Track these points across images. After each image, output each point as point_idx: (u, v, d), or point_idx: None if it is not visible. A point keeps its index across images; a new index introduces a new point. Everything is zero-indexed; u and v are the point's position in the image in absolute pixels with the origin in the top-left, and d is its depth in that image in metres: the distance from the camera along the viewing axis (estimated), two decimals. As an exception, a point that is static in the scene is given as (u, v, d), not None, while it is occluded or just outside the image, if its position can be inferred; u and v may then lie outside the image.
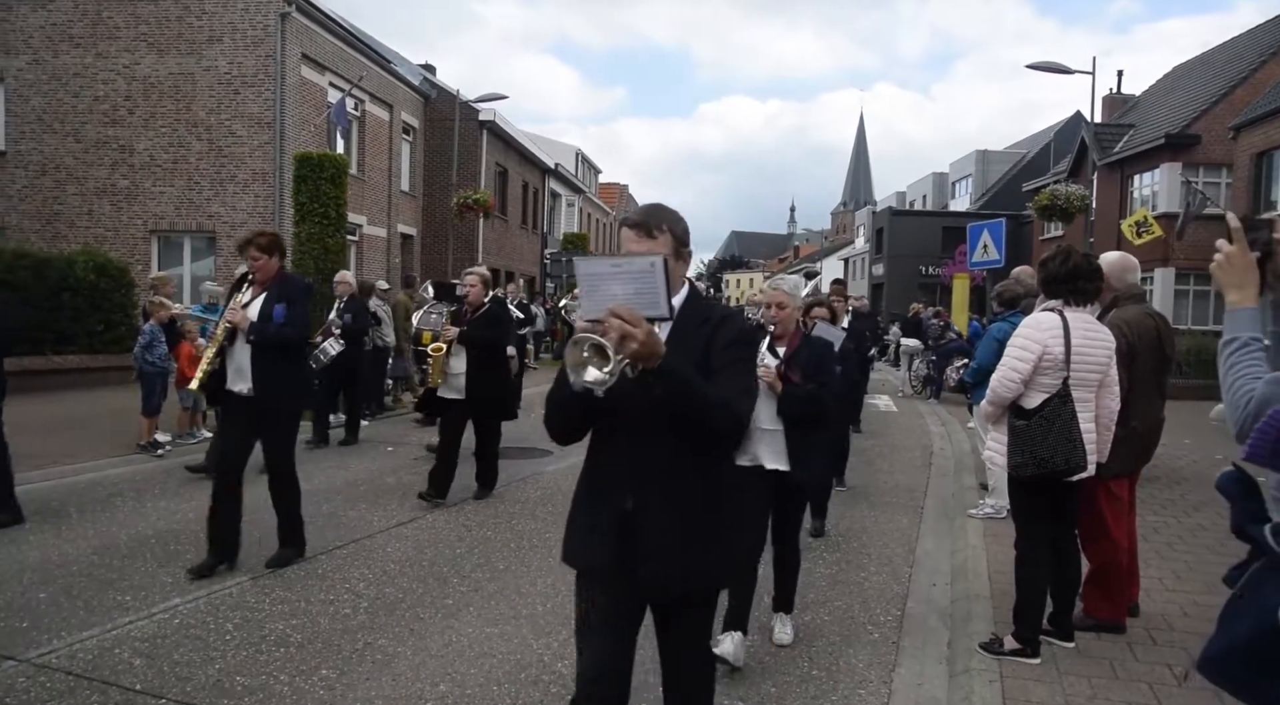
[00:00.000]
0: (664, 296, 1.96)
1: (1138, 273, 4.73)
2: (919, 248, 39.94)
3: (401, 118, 24.16)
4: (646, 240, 2.22)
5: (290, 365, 5.21)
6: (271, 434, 5.24)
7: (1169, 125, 25.05)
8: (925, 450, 10.64)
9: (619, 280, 1.98)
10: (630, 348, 1.89)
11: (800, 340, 4.22)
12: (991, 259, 13.98)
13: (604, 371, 1.89)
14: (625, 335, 1.88)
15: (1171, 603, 4.75)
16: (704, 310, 2.29)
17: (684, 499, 2.21)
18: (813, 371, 4.08)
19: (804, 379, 4.03)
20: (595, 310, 1.96)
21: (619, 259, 2.00)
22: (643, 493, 2.20)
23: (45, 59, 18.35)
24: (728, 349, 2.20)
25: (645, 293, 1.96)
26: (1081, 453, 3.77)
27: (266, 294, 5.16)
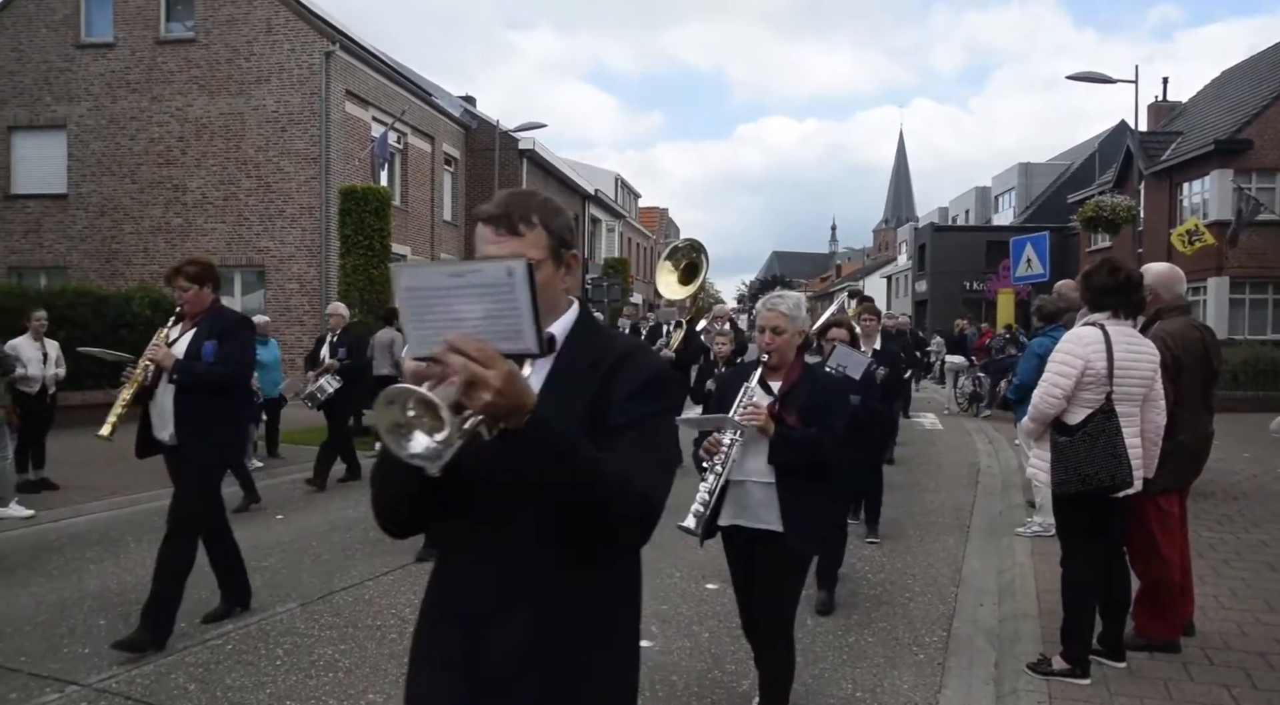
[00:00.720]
0: (530, 321, 1.32)
1: (1184, 284, 4.66)
2: (963, 263, 39.44)
3: (443, 149, 24.65)
4: (508, 239, 1.59)
5: (218, 410, 4.52)
6: (184, 486, 4.56)
7: (1218, 131, 24.52)
8: (972, 468, 10.48)
9: (464, 298, 1.33)
10: (481, 399, 1.27)
11: (800, 374, 3.43)
12: (1036, 273, 13.79)
13: (437, 438, 1.27)
14: (473, 380, 1.27)
15: (1228, 621, 4.62)
16: (598, 344, 1.64)
17: (565, 624, 1.56)
18: (814, 412, 3.30)
19: (803, 421, 3.28)
20: (428, 343, 1.34)
21: (461, 266, 1.33)
22: (507, 617, 1.54)
23: (105, 105, 19.12)
24: (631, 401, 1.54)
25: (503, 316, 1.33)
26: (1127, 468, 3.71)
27: (196, 329, 4.57)
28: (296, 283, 18.69)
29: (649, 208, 54.63)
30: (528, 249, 1.57)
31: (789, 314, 3.37)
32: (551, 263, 1.63)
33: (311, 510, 7.88)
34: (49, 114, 19.36)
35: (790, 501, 3.25)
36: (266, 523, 7.35)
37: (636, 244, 46.44)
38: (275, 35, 18.61)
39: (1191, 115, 29.38)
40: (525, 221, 1.60)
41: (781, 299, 3.45)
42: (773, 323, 3.37)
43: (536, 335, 1.33)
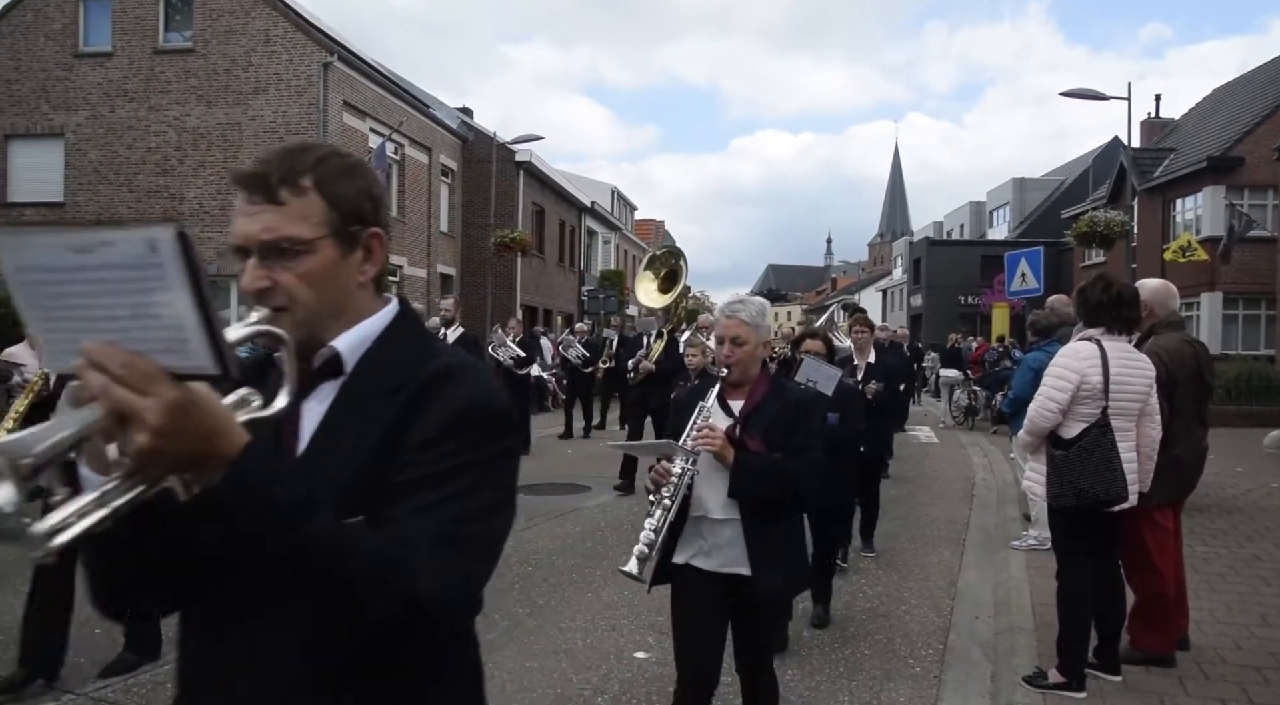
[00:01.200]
0: (196, 324, 0.89)
1: (1178, 299, 4.70)
2: (957, 277, 39.61)
3: (440, 160, 24.71)
4: (263, 209, 1.14)
5: None
6: None
7: (1211, 148, 24.70)
8: (967, 481, 10.50)
9: (102, 286, 0.89)
10: (134, 442, 0.87)
11: (767, 391, 2.93)
12: (1030, 288, 13.86)
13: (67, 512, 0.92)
14: (121, 412, 0.87)
15: (1223, 635, 4.64)
16: (407, 362, 1.18)
17: None
18: (783, 436, 2.83)
19: (770, 446, 2.81)
20: (65, 351, 0.91)
21: (84, 235, 0.87)
22: None
23: (102, 114, 19.15)
24: (426, 449, 1.10)
25: (157, 315, 0.89)
26: (1122, 482, 3.73)
27: None
28: (292, 293, 18.68)
29: (645, 220, 54.76)
30: (289, 223, 1.13)
31: (751, 322, 2.89)
32: (334, 243, 1.16)
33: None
34: (46, 122, 19.37)
35: (759, 542, 2.76)
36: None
37: (633, 256, 46.52)
38: (273, 46, 18.67)
39: (1184, 132, 29.60)
40: (290, 185, 1.14)
41: (742, 305, 2.94)
42: (733, 332, 2.89)
43: (210, 347, 0.89)
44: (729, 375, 2.92)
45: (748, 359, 2.92)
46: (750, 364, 2.93)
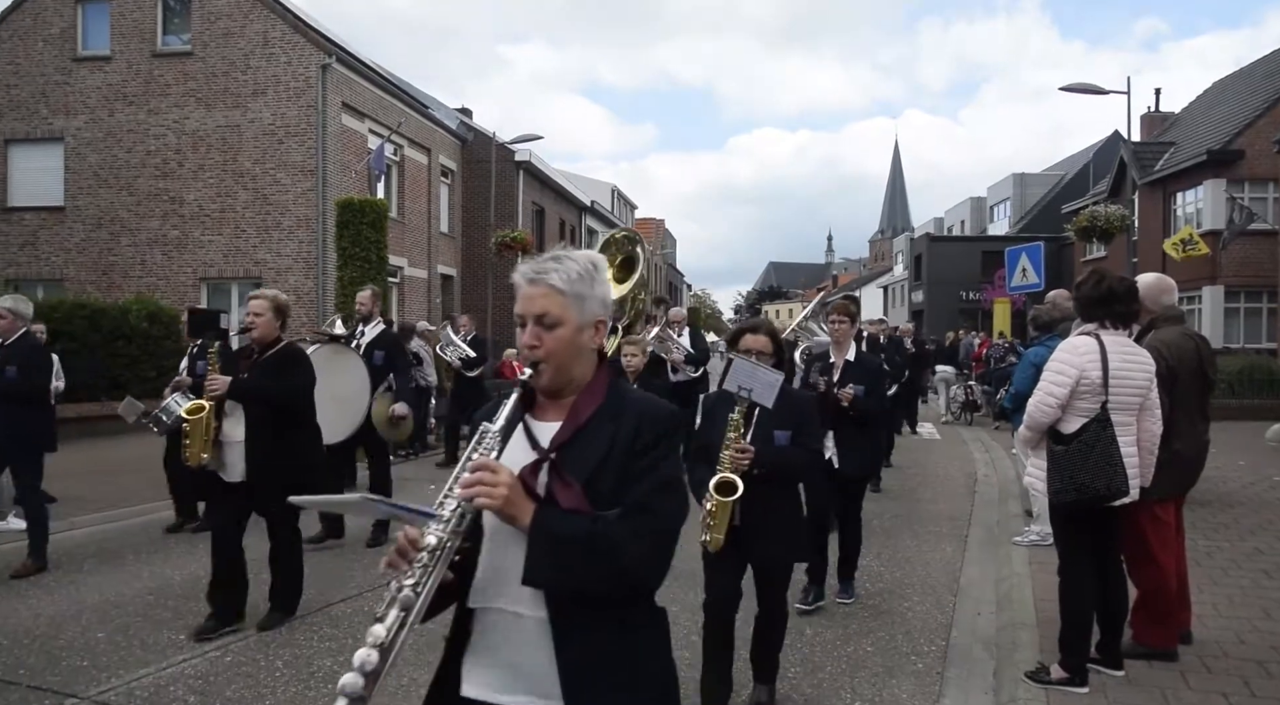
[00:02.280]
0: None
1: (1174, 294, 4.69)
2: (958, 273, 39.58)
3: (439, 161, 24.71)
4: None
5: None
6: None
7: (1211, 141, 24.67)
8: (969, 477, 10.50)
9: None
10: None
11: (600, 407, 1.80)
12: (1031, 283, 13.82)
13: None
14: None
15: (1226, 629, 4.64)
16: None
17: None
18: (616, 480, 1.71)
19: (595, 498, 1.69)
20: None
21: None
22: None
23: (101, 118, 19.16)
24: None
25: None
26: (1123, 477, 3.73)
27: None
28: (293, 295, 18.65)
29: (645, 219, 54.74)
30: None
31: (569, 290, 1.76)
32: None
33: (311, 520, 7.85)
34: (46, 126, 19.39)
35: (574, 657, 1.66)
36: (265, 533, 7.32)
37: (633, 255, 46.51)
38: (272, 48, 18.67)
39: (1184, 125, 29.57)
40: None
41: (556, 264, 1.78)
42: (538, 307, 1.76)
43: None
44: (535, 379, 1.76)
45: (565, 352, 1.75)
46: (570, 361, 1.77)
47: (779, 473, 3.76)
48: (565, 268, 1.79)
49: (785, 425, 3.81)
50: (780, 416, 3.77)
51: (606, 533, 1.64)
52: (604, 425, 1.77)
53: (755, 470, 3.60)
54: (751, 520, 3.64)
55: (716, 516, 3.56)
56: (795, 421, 3.84)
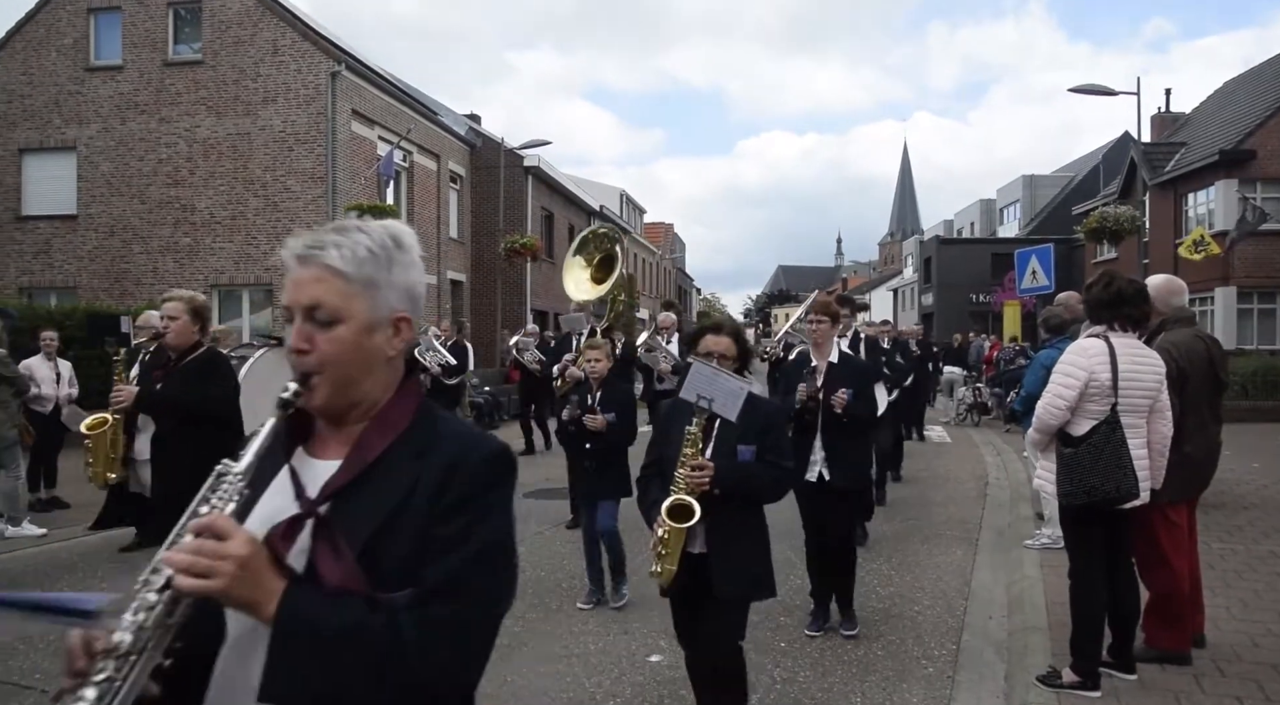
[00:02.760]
0: None
1: (1185, 295, 4.67)
2: (968, 276, 39.45)
3: (449, 167, 24.79)
4: None
5: None
6: None
7: (1222, 141, 24.55)
8: (980, 480, 10.46)
9: None
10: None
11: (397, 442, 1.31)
12: (1041, 285, 13.76)
13: None
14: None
15: (1240, 632, 4.61)
16: None
17: None
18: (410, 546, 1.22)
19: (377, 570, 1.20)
20: None
21: None
22: None
23: (114, 126, 19.30)
24: None
25: None
26: (1133, 479, 3.71)
27: None
28: (304, 301, 18.76)
29: (654, 223, 54.76)
30: None
31: (356, 273, 1.33)
32: None
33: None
34: (59, 136, 19.55)
35: None
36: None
37: (643, 259, 46.56)
38: (281, 56, 18.79)
39: (1195, 126, 29.42)
40: None
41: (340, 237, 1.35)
42: (308, 296, 1.35)
43: None
44: (305, 396, 1.30)
45: (347, 360, 1.30)
46: (356, 372, 1.32)
47: (742, 493, 3.25)
48: (351, 242, 1.32)
49: (749, 439, 3.28)
50: (745, 429, 3.25)
51: (389, 626, 1.14)
52: (401, 466, 1.26)
53: (715, 490, 3.14)
54: (712, 547, 3.22)
55: (669, 544, 3.09)
56: (760, 434, 3.30)
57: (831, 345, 5.01)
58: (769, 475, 3.31)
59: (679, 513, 3.07)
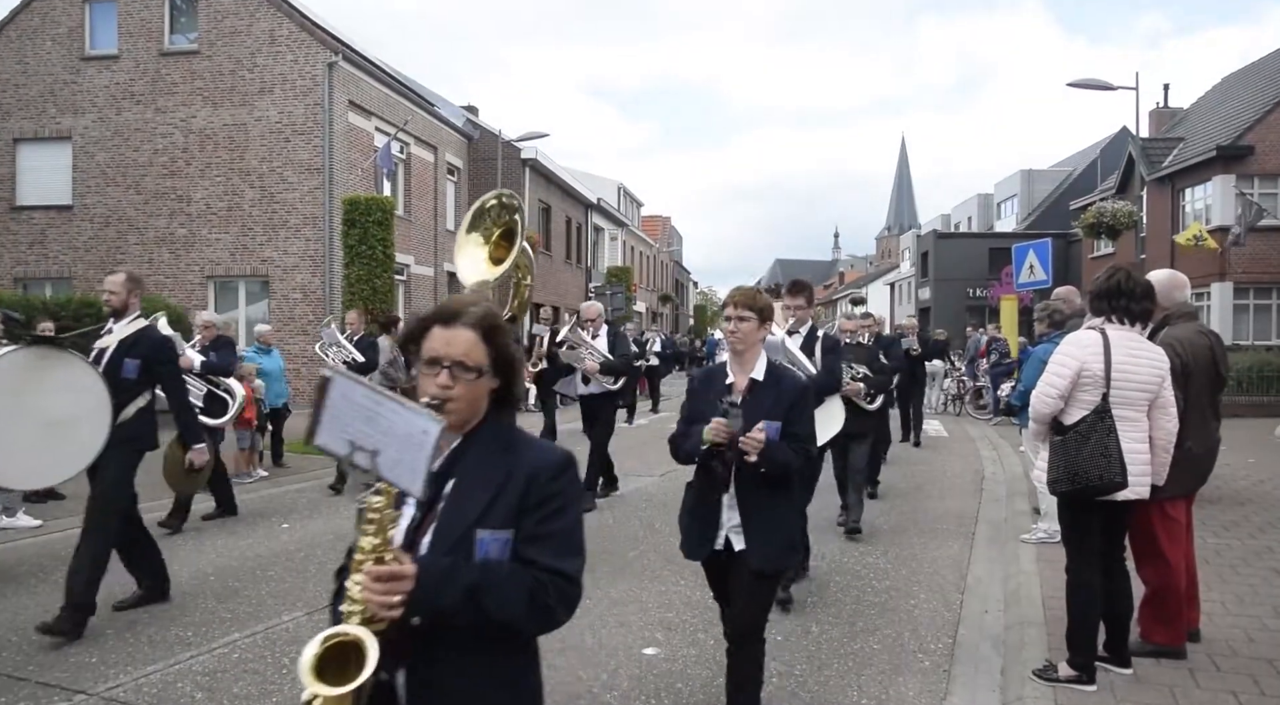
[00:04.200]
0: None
1: (1187, 290, 4.67)
2: (966, 270, 39.45)
3: (446, 159, 24.72)
4: None
5: None
6: None
7: (1220, 136, 24.53)
8: (976, 475, 10.47)
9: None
10: None
11: None
12: (1038, 279, 13.78)
13: None
14: None
15: (1235, 627, 4.61)
16: None
17: None
18: None
19: None
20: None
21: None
22: None
23: (109, 117, 19.21)
24: None
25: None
26: (1117, 469, 3.70)
27: None
28: (300, 293, 18.73)
29: (651, 216, 54.70)
30: None
31: None
32: None
33: (317, 519, 7.90)
34: (54, 126, 19.45)
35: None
36: (272, 532, 7.36)
37: (640, 252, 46.52)
38: (278, 46, 18.70)
39: (1193, 121, 29.41)
40: None
41: None
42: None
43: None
44: None
45: None
46: None
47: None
48: None
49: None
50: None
51: None
52: None
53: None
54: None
55: None
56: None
57: (758, 354, 3.50)
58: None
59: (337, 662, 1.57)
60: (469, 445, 1.81)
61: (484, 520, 1.74)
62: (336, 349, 9.63)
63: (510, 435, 1.86)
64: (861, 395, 6.85)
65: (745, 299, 3.46)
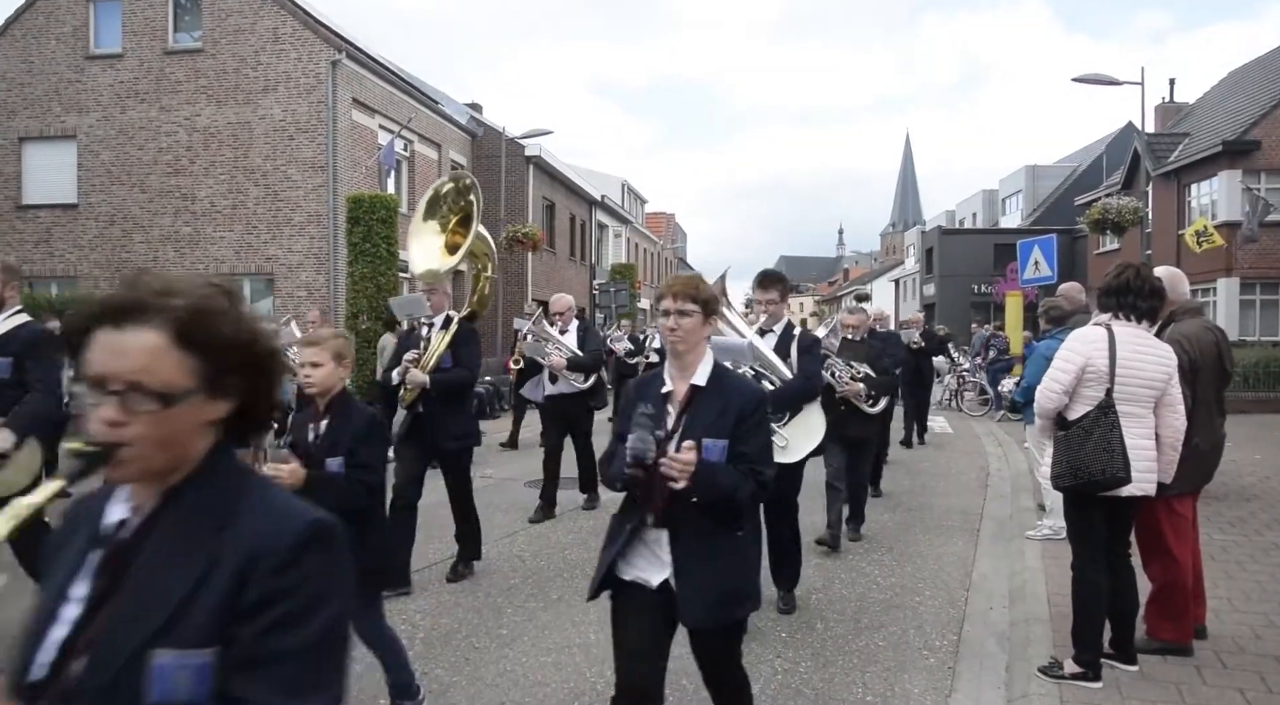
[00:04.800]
0: None
1: (1185, 285, 4.65)
2: (970, 266, 39.42)
3: (450, 156, 24.72)
4: None
5: None
6: None
7: (1226, 131, 24.44)
8: (981, 471, 10.45)
9: None
10: None
11: None
12: (1043, 275, 13.75)
13: None
14: None
15: (1242, 624, 4.60)
16: None
17: None
18: None
19: None
20: None
21: None
22: None
23: (114, 115, 19.25)
24: None
25: None
26: (1120, 464, 3.69)
27: None
28: (305, 290, 18.76)
29: (656, 213, 54.66)
30: None
31: None
32: None
33: (321, 517, 7.90)
34: (59, 124, 19.49)
35: None
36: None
37: (644, 249, 46.50)
38: (282, 44, 18.71)
39: (1199, 116, 29.30)
40: None
41: None
42: None
43: None
44: None
45: None
46: None
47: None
48: None
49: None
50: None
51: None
52: None
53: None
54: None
55: None
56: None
57: (704, 356, 2.82)
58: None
59: None
60: (166, 512, 1.21)
61: (166, 635, 1.12)
62: None
63: (234, 493, 1.23)
64: (863, 397, 6.40)
65: (686, 288, 2.79)
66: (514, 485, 9.14)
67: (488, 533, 6.41)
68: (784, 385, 4.64)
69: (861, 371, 6.41)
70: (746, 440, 2.67)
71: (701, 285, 2.86)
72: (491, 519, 7.04)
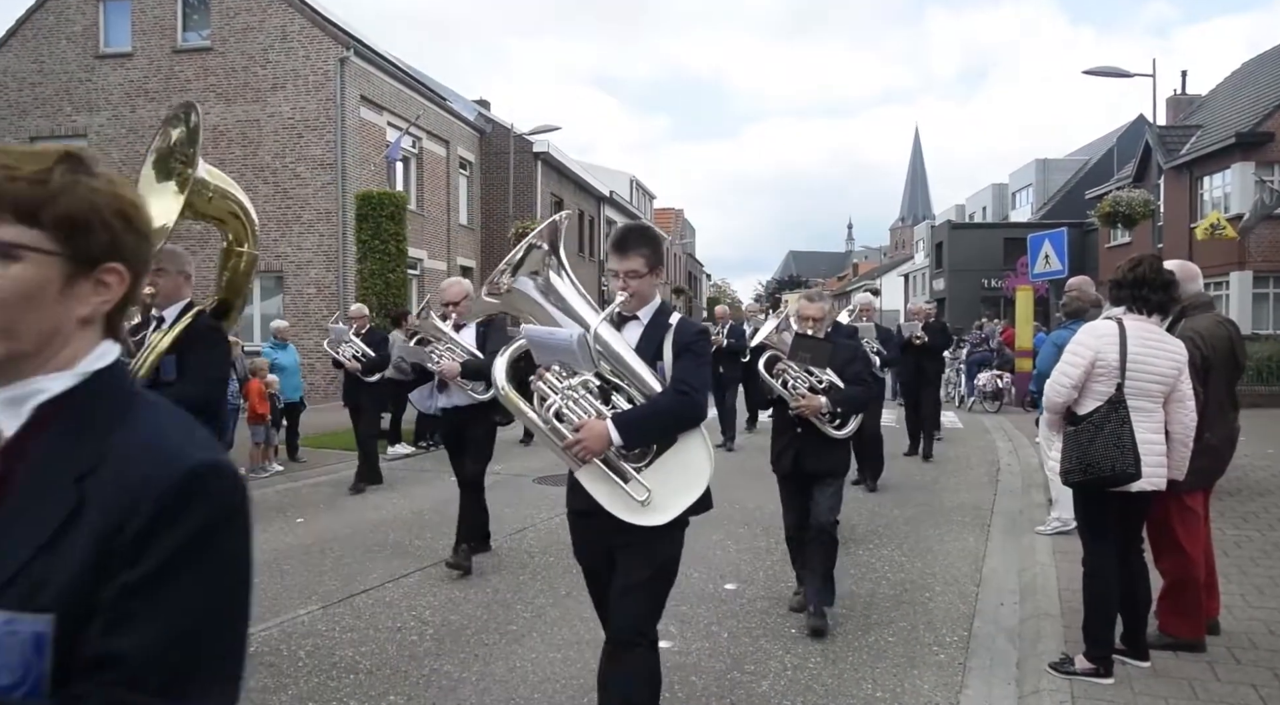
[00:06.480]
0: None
1: (1199, 280, 4.61)
2: (980, 260, 39.21)
3: (458, 153, 24.74)
4: None
5: None
6: None
7: (1239, 124, 24.24)
8: (992, 466, 10.41)
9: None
10: None
11: None
12: (1054, 269, 13.70)
13: None
14: None
15: (1255, 620, 4.56)
16: None
17: None
18: None
19: None
20: None
21: None
22: None
23: (124, 114, 19.34)
24: None
25: None
26: (1131, 460, 3.66)
27: None
28: (314, 288, 18.82)
29: (664, 209, 54.64)
30: None
31: None
32: None
33: (332, 513, 7.94)
34: (69, 124, 19.60)
35: None
36: (287, 526, 7.40)
37: (652, 245, 46.45)
38: (290, 42, 18.76)
39: (1211, 108, 29.06)
40: None
41: None
42: None
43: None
44: None
45: None
46: None
47: None
48: None
49: None
50: None
51: None
52: None
53: None
54: None
55: None
56: None
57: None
58: None
59: None
60: (28, 437, 0.98)
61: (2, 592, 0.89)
62: (347, 345, 9.27)
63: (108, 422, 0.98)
64: (823, 415, 4.71)
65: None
66: (523, 481, 9.15)
67: (497, 529, 6.42)
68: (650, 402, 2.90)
69: (825, 380, 4.77)
70: None
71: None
72: (501, 515, 7.05)
